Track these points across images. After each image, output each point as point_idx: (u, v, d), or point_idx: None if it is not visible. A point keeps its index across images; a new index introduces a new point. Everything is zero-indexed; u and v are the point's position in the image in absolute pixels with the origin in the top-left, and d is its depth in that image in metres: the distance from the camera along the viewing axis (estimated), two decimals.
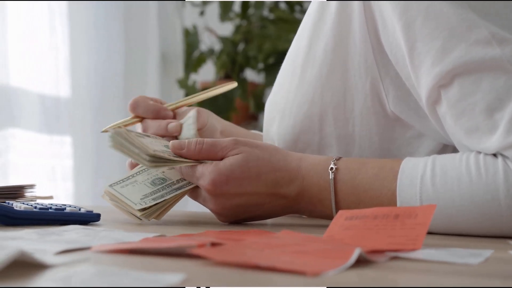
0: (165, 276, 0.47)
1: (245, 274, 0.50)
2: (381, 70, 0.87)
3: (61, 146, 1.91)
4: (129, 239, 0.67)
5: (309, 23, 0.93)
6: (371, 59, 0.87)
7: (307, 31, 0.94)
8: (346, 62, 0.89)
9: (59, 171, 1.89)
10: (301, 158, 0.85)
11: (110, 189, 0.88)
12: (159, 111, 0.99)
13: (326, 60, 0.90)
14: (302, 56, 0.93)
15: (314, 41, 0.92)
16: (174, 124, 0.96)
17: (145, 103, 0.99)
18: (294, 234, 0.67)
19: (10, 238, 0.65)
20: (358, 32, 0.87)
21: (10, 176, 1.74)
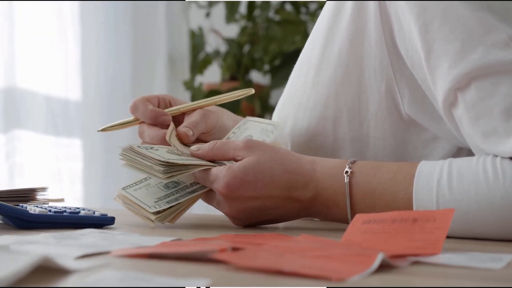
0: (191, 281, 0.46)
1: (269, 279, 0.50)
2: (396, 72, 0.87)
3: (68, 148, 1.91)
4: (146, 243, 0.66)
5: (324, 24, 0.93)
6: (386, 61, 0.87)
7: (322, 32, 0.93)
8: (361, 64, 0.89)
9: (66, 173, 1.89)
10: (315, 161, 0.84)
11: (123, 192, 0.88)
12: (157, 117, 0.95)
13: (341, 62, 0.90)
14: (317, 57, 0.93)
15: (329, 43, 0.92)
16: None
17: (143, 107, 0.96)
18: (314, 238, 0.67)
19: (27, 242, 0.65)
20: (373, 34, 0.87)
21: (16, 178, 1.74)
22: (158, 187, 0.88)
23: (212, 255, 0.54)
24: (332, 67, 0.91)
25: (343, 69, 0.90)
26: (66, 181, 1.88)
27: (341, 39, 0.90)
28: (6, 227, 0.82)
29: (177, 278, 0.47)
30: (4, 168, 1.72)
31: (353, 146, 0.91)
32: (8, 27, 1.72)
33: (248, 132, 0.97)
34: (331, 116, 0.91)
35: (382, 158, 0.90)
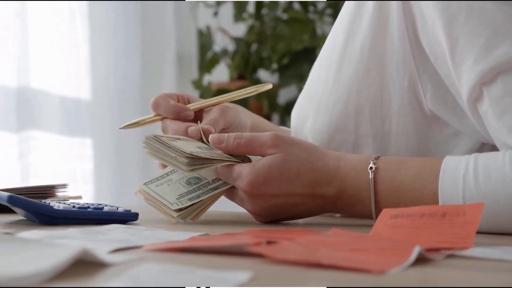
0: (232, 274, 0.46)
1: (308, 272, 0.49)
2: (419, 68, 0.86)
3: (82, 148, 1.91)
4: (175, 238, 0.66)
5: (345, 21, 0.93)
6: (409, 57, 0.87)
7: (342, 29, 0.93)
8: (383, 59, 0.89)
9: (79, 173, 1.89)
10: (339, 157, 0.84)
11: (145, 188, 0.87)
12: (180, 112, 0.95)
13: (363, 58, 0.90)
14: (338, 53, 0.93)
15: (350, 39, 0.92)
16: (193, 128, 0.92)
17: (165, 103, 0.96)
18: (345, 232, 0.67)
19: (57, 237, 0.64)
20: (396, 29, 0.87)
21: (31, 178, 1.73)
22: (180, 183, 0.87)
23: (248, 249, 0.54)
24: (354, 63, 0.91)
25: (365, 65, 0.90)
26: (79, 180, 1.87)
27: (362, 36, 0.90)
28: (30, 223, 0.81)
29: (218, 271, 0.47)
30: (17, 168, 1.71)
31: (374, 143, 0.91)
32: (21, 26, 1.72)
33: None
34: (352, 113, 0.91)
35: (404, 154, 0.90)
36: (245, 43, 2.41)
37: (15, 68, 1.72)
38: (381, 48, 0.89)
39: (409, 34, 0.86)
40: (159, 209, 0.86)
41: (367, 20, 0.90)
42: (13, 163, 1.71)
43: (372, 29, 0.89)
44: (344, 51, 0.92)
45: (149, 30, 2.19)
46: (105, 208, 0.83)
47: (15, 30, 1.71)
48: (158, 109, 0.96)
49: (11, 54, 1.71)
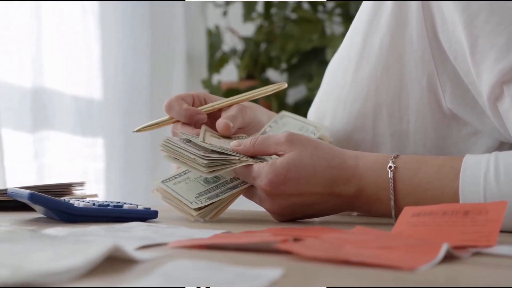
0: (264, 271, 0.46)
1: (337, 269, 0.49)
2: (438, 66, 0.86)
3: (93, 148, 1.92)
4: (198, 236, 0.66)
5: (363, 19, 0.93)
6: (428, 55, 0.87)
7: (361, 28, 0.93)
8: (402, 58, 0.89)
9: (91, 172, 1.89)
10: (357, 156, 0.84)
11: (162, 186, 0.87)
12: (192, 116, 0.94)
13: (382, 57, 0.90)
14: (356, 52, 0.93)
15: (369, 37, 0.92)
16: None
17: (178, 106, 0.94)
18: (369, 230, 0.67)
19: (81, 235, 0.65)
20: (414, 28, 0.87)
21: (45, 178, 1.74)
22: (198, 181, 0.87)
23: (276, 246, 0.54)
24: (372, 62, 0.91)
25: (384, 64, 0.90)
26: (91, 180, 1.88)
27: (381, 34, 0.90)
28: (50, 221, 0.81)
29: (250, 268, 0.47)
30: (32, 168, 1.72)
31: (392, 142, 0.91)
32: (36, 26, 1.72)
33: (286, 128, 0.97)
34: (370, 112, 0.91)
35: (423, 153, 0.90)
36: (254, 42, 2.41)
37: (30, 68, 1.72)
38: (400, 47, 0.89)
39: (428, 33, 0.86)
40: (178, 207, 0.86)
41: (386, 19, 0.90)
42: (28, 162, 1.72)
43: (391, 28, 0.89)
44: (363, 50, 0.92)
45: (158, 30, 2.19)
46: (124, 206, 0.83)
47: (30, 30, 1.72)
48: (171, 112, 0.95)
49: (26, 54, 1.71)
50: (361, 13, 0.95)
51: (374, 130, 0.91)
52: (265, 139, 0.85)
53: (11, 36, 1.69)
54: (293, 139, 0.83)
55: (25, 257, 0.45)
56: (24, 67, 1.72)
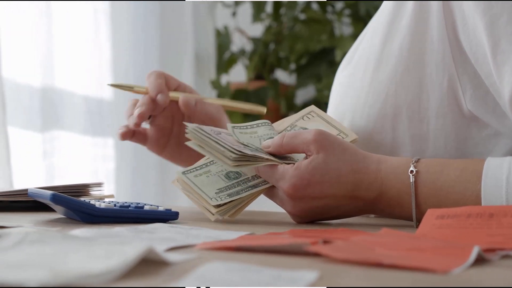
0: (300, 273, 0.46)
1: (370, 271, 0.49)
2: (459, 68, 0.86)
3: (104, 148, 1.91)
4: (223, 237, 0.66)
5: (383, 21, 0.93)
6: (448, 57, 0.86)
7: (380, 29, 0.93)
8: (423, 60, 0.89)
9: (102, 173, 1.89)
10: (379, 160, 0.83)
11: (183, 177, 0.86)
12: (158, 92, 0.99)
13: (402, 58, 0.90)
14: (375, 54, 0.93)
15: (388, 39, 0.91)
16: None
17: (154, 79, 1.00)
18: (396, 232, 0.67)
19: (107, 236, 0.65)
20: (435, 29, 0.87)
21: (55, 179, 1.74)
22: (219, 176, 0.86)
23: (307, 248, 0.54)
24: (392, 64, 0.91)
25: (404, 65, 0.90)
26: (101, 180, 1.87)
27: (402, 36, 0.90)
28: (71, 221, 0.81)
29: (285, 270, 0.47)
30: (42, 168, 1.72)
31: (412, 144, 0.91)
32: (47, 26, 1.72)
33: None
34: (390, 114, 0.91)
35: (443, 155, 0.90)
36: (262, 43, 2.41)
37: (40, 67, 1.72)
38: (420, 49, 0.88)
39: (449, 35, 0.86)
40: (197, 201, 0.85)
41: (407, 20, 0.90)
42: (38, 162, 1.72)
43: (412, 29, 0.89)
44: (382, 51, 0.92)
45: (168, 30, 2.19)
46: (145, 207, 0.83)
47: (41, 30, 1.72)
48: (147, 81, 1.00)
49: (37, 53, 1.71)
50: (381, 14, 0.95)
51: (394, 132, 0.91)
52: (292, 138, 0.83)
53: (21, 35, 1.69)
54: (321, 139, 0.82)
55: (62, 259, 0.45)
56: (34, 66, 1.72)
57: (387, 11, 0.93)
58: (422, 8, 0.88)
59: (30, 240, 0.50)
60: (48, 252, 0.47)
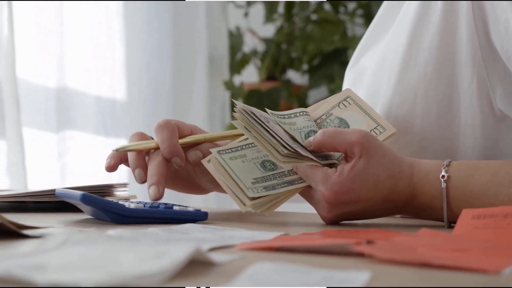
0: (352, 274, 0.46)
1: (421, 273, 0.49)
2: (489, 68, 0.86)
3: None
4: (259, 238, 0.65)
5: (409, 22, 0.92)
6: (478, 57, 0.86)
7: (406, 30, 0.92)
8: (453, 59, 0.88)
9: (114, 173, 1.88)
10: (412, 164, 0.82)
11: (218, 157, 0.82)
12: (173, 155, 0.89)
13: (431, 59, 0.89)
14: (402, 55, 0.92)
15: (415, 40, 0.91)
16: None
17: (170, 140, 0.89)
18: (435, 232, 0.66)
19: (143, 236, 0.64)
20: (465, 29, 0.86)
21: (67, 179, 1.73)
22: (255, 163, 0.83)
23: (353, 249, 0.53)
24: (421, 64, 0.90)
25: (433, 66, 0.89)
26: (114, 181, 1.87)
27: (430, 36, 0.89)
28: (100, 222, 0.81)
29: (335, 271, 0.47)
30: (56, 168, 1.71)
31: (441, 145, 0.90)
32: (60, 26, 1.72)
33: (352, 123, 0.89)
34: (419, 115, 0.90)
35: (471, 155, 0.89)
36: (275, 43, 2.40)
37: (54, 68, 1.72)
38: (450, 48, 0.88)
39: (479, 34, 0.85)
40: (228, 187, 0.81)
41: (436, 20, 0.89)
42: (51, 163, 1.71)
43: (441, 29, 0.88)
44: (409, 52, 0.91)
45: (181, 31, 2.19)
46: (174, 207, 0.82)
47: (55, 30, 1.71)
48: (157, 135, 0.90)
49: (51, 54, 1.71)
50: (405, 15, 0.94)
51: (423, 133, 0.90)
52: (334, 137, 0.81)
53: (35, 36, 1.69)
54: (364, 142, 0.79)
55: (112, 259, 0.45)
56: (48, 67, 1.72)
57: (412, 12, 0.92)
58: (451, 8, 0.88)
59: (74, 241, 0.50)
60: (96, 253, 0.47)
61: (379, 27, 1.06)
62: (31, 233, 0.64)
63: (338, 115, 0.90)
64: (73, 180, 1.74)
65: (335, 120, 0.90)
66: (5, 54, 1.51)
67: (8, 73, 1.51)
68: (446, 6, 0.88)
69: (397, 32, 0.95)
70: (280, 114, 0.88)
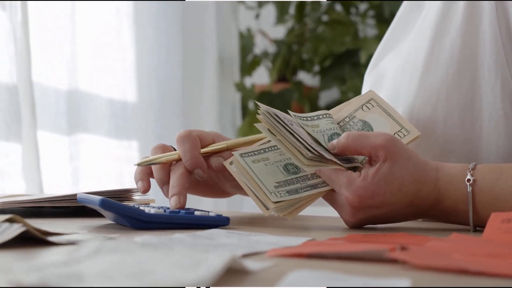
0: (391, 281, 0.45)
1: (458, 280, 0.48)
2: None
3: (128, 151, 1.90)
4: (286, 243, 0.65)
5: (430, 23, 0.91)
6: (501, 58, 0.85)
7: (428, 32, 0.91)
8: (475, 61, 0.87)
9: (126, 175, 1.88)
10: (437, 168, 0.81)
11: (240, 160, 0.81)
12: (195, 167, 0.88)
13: (453, 61, 0.88)
14: (423, 57, 0.91)
15: (437, 42, 0.90)
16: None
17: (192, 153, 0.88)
18: (466, 237, 0.65)
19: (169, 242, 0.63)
20: (488, 31, 0.85)
21: (80, 182, 1.73)
22: (277, 167, 0.82)
23: (387, 255, 0.53)
24: (443, 66, 0.89)
25: (456, 68, 0.88)
26: (126, 183, 1.86)
27: (452, 38, 0.88)
28: (121, 227, 0.80)
29: (375, 278, 0.46)
30: (68, 171, 1.71)
31: (463, 148, 0.89)
32: (71, 28, 1.72)
33: (376, 126, 0.88)
34: (441, 118, 0.89)
35: (495, 159, 0.88)
36: (286, 45, 2.40)
37: (66, 70, 1.71)
38: (472, 51, 0.87)
39: (502, 35, 0.85)
40: (251, 190, 0.81)
41: (458, 21, 0.88)
42: (64, 165, 1.71)
43: (463, 31, 0.87)
44: (431, 54, 0.90)
45: (190, 32, 2.18)
46: (196, 213, 0.81)
47: (66, 32, 1.71)
48: (179, 147, 0.89)
49: (62, 56, 1.70)
50: (427, 17, 0.93)
51: (445, 136, 0.89)
52: (358, 141, 0.80)
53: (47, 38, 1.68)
54: (389, 146, 0.78)
55: (149, 268, 0.44)
56: (60, 69, 1.71)
57: (434, 14, 0.91)
58: (473, 10, 0.87)
59: (107, 249, 0.49)
60: (130, 262, 0.46)
61: (398, 30, 1.05)
62: (56, 240, 0.64)
63: (361, 117, 0.89)
64: (86, 183, 1.73)
65: (358, 122, 0.89)
66: (20, 57, 1.50)
67: (23, 76, 1.50)
68: (468, 7, 0.87)
69: (418, 34, 0.94)
70: (303, 116, 0.87)
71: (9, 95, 1.47)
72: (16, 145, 1.48)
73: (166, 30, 2.08)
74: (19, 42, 1.51)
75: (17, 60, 1.50)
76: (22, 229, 0.61)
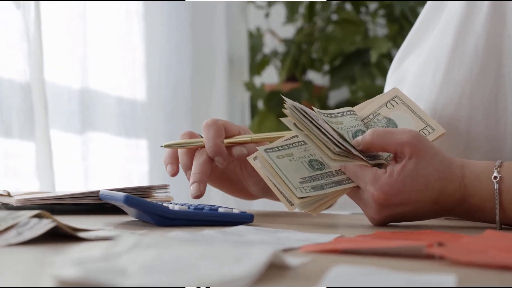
0: (437, 277, 0.44)
1: (500, 276, 0.48)
2: None
3: (137, 150, 1.90)
4: (315, 240, 0.64)
5: (454, 21, 0.91)
6: None
7: (451, 29, 0.91)
8: (500, 59, 0.86)
9: (135, 174, 1.88)
10: (463, 165, 0.80)
11: (265, 155, 0.81)
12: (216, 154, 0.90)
13: (478, 58, 0.88)
14: (447, 54, 0.91)
15: (461, 39, 0.89)
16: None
17: (215, 140, 0.90)
18: (500, 233, 0.65)
19: (201, 238, 0.63)
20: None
21: (90, 180, 1.72)
22: (302, 162, 0.81)
23: (426, 251, 0.52)
24: (467, 64, 0.88)
25: (480, 65, 0.87)
26: (134, 182, 1.86)
27: (477, 35, 0.88)
28: (146, 224, 0.80)
29: (417, 274, 0.45)
30: (80, 169, 1.70)
31: (488, 146, 0.88)
32: (83, 27, 1.71)
33: (400, 123, 0.88)
34: (465, 116, 0.88)
35: None
36: (295, 44, 2.39)
37: (78, 69, 1.71)
38: (497, 48, 0.86)
39: None
40: (275, 186, 0.80)
41: (482, 19, 0.87)
42: (76, 164, 1.70)
43: (488, 28, 0.87)
44: (454, 51, 0.90)
45: (200, 32, 2.18)
46: (219, 209, 0.81)
47: (78, 31, 1.71)
48: (205, 133, 0.91)
49: (75, 55, 1.70)
50: (450, 14, 0.92)
51: (469, 135, 0.89)
52: (383, 137, 0.79)
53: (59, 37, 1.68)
54: (415, 143, 0.78)
55: (191, 264, 0.44)
56: (72, 69, 1.71)
57: (459, 9, 0.90)
58: (498, 7, 0.86)
59: (145, 244, 0.49)
60: (171, 257, 0.45)
61: (421, 30, 1.04)
62: (86, 236, 0.63)
63: (386, 115, 0.89)
64: (97, 181, 1.73)
65: (382, 120, 0.88)
66: (34, 56, 1.50)
67: (36, 75, 1.50)
68: (493, 6, 0.87)
69: (442, 31, 0.94)
70: (326, 113, 0.87)
71: (23, 94, 1.46)
72: (30, 144, 1.48)
73: (176, 30, 2.08)
74: (32, 41, 1.50)
75: (30, 59, 1.49)
76: (52, 224, 0.61)
